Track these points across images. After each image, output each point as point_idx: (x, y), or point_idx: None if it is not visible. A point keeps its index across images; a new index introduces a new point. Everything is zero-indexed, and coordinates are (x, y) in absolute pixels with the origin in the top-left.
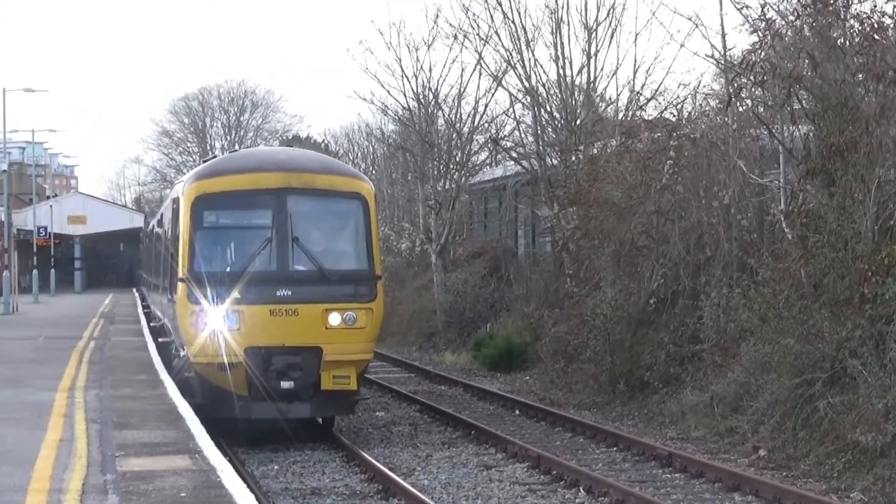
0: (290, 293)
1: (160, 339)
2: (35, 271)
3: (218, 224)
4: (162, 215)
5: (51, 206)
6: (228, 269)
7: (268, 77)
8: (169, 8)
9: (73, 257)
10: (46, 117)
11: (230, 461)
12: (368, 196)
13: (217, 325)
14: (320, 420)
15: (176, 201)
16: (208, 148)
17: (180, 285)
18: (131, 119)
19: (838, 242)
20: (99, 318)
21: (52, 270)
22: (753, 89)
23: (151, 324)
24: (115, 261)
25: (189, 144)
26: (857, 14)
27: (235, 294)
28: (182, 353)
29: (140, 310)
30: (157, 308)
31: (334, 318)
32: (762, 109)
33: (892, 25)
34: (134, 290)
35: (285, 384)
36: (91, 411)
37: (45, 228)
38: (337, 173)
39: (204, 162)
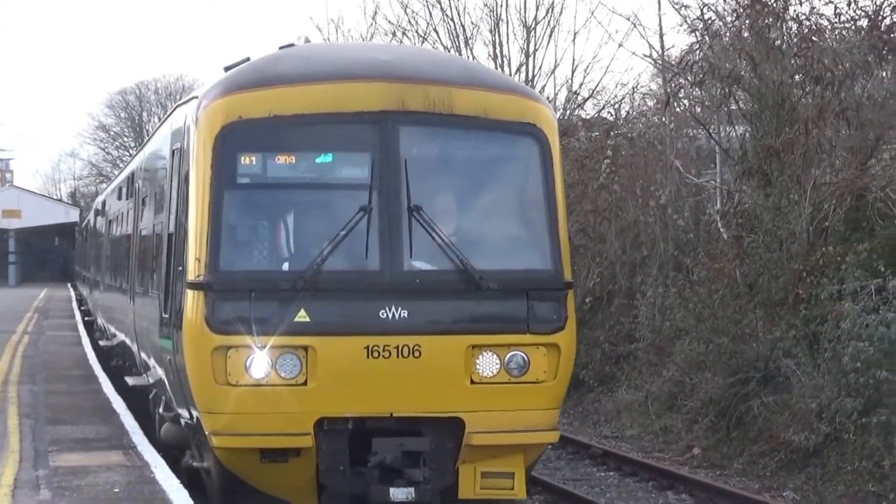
0: (405, 314)
1: (131, 383)
2: None
3: (266, 180)
4: (132, 176)
5: None
6: (286, 267)
7: (205, 72)
8: (107, 1)
9: (8, 251)
10: None
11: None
12: (549, 130)
13: (263, 375)
14: None
15: (175, 140)
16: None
17: (191, 296)
18: (68, 113)
19: (773, 243)
20: (33, 312)
21: None
22: (691, 89)
23: (102, 343)
24: (50, 255)
25: (126, 139)
26: (796, 16)
27: (300, 315)
28: (186, 419)
29: (75, 304)
30: (110, 321)
31: (488, 363)
32: (699, 110)
33: (829, 28)
34: (69, 284)
35: (398, 492)
36: (24, 406)
37: None
38: (492, 87)
39: (227, 70)
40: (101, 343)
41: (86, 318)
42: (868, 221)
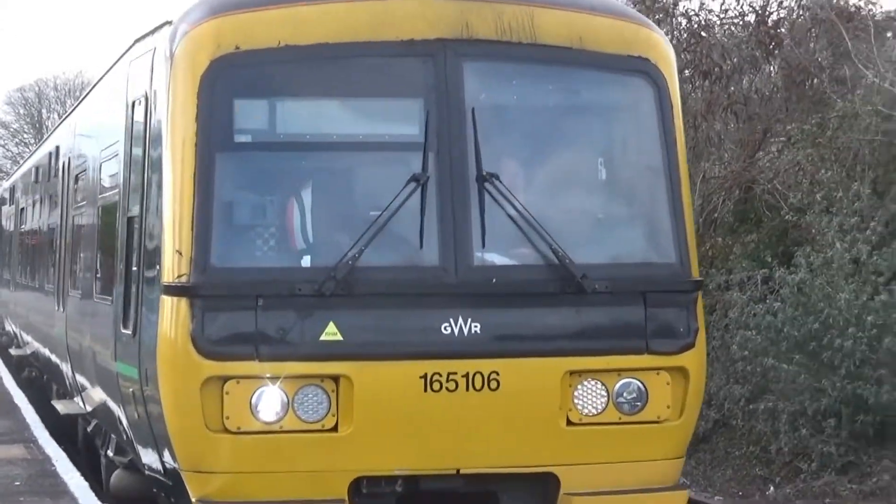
0: (477, 328)
1: (62, 410)
2: None
3: (275, 138)
4: (56, 151)
5: None
6: (307, 263)
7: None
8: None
9: None
10: None
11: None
12: (667, 69)
13: (275, 418)
14: None
15: (136, 89)
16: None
17: (169, 305)
18: None
19: None
20: None
21: None
22: None
23: (13, 351)
24: None
25: (25, 136)
26: (685, 11)
27: (329, 331)
28: (153, 470)
29: None
30: (25, 328)
31: (592, 396)
32: None
33: (718, 23)
34: None
35: None
36: None
37: None
38: (589, 7)
39: None
40: (12, 351)
41: None
42: (756, 213)
